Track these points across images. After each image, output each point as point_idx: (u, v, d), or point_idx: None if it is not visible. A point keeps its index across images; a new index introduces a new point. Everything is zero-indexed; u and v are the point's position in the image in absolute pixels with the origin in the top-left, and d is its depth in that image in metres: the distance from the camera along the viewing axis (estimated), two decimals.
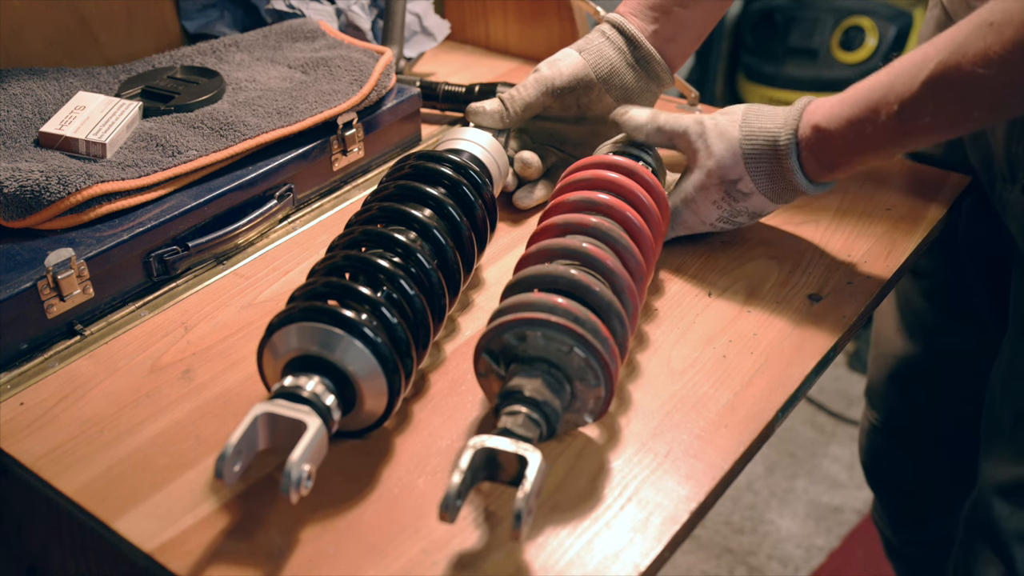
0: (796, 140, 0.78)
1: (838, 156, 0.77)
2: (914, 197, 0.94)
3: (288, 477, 0.56)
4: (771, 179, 0.80)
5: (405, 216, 0.72)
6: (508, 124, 0.89)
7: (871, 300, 0.81)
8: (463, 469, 0.57)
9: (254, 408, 0.59)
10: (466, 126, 0.88)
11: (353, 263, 0.68)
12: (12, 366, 0.74)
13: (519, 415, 0.61)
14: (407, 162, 0.78)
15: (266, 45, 1.03)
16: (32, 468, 0.66)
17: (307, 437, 0.58)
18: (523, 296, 0.65)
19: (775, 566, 1.82)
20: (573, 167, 0.79)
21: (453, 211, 0.74)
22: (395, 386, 0.63)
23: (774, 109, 0.80)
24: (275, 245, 0.88)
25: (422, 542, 0.61)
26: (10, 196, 0.77)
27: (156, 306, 0.81)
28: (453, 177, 0.76)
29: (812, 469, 2.02)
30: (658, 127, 0.83)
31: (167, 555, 0.59)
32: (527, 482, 0.56)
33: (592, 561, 0.60)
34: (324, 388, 0.61)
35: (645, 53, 0.90)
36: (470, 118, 0.90)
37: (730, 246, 0.87)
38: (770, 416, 0.70)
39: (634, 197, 0.75)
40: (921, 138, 0.73)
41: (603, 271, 0.68)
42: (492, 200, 0.79)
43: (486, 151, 0.84)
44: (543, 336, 0.62)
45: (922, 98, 0.70)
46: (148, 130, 0.87)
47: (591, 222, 0.71)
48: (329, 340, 0.61)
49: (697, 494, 0.64)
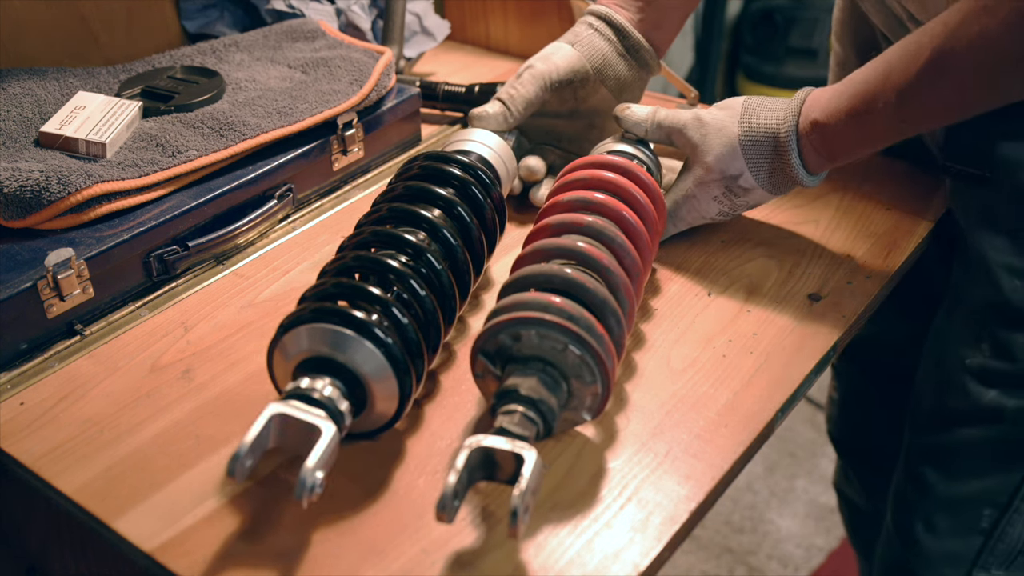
0: (796, 135, 0.78)
1: (838, 149, 0.78)
2: (914, 197, 0.94)
3: (303, 484, 0.56)
4: (771, 174, 0.80)
5: (415, 216, 0.71)
6: (512, 124, 0.90)
7: (871, 300, 0.82)
8: (459, 469, 0.57)
9: (268, 407, 0.59)
10: (470, 127, 0.88)
11: (363, 263, 0.68)
12: (12, 366, 0.74)
13: (515, 414, 0.61)
14: (416, 162, 0.78)
15: (266, 45, 1.03)
16: (32, 468, 0.66)
17: (322, 444, 0.57)
18: (517, 296, 0.65)
19: (775, 566, 1.82)
20: (569, 167, 0.79)
21: (463, 211, 0.74)
22: (406, 387, 0.63)
23: (773, 103, 0.80)
24: (275, 245, 0.88)
25: (422, 542, 0.61)
26: (10, 196, 0.77)
27: (156, 306, 0.81)
28: (462, 177, 0.76)
29: (812, 469, 2.02)
30: (657, 123, 0.83)
31: (167, 555, 0.59)
32: (523, 479, 0.56)
33: (592, 561, 0.60)
34: (338, 392, 0.61)
35: (635, 42, 0.91)
36: (474, 123, 0.89)
37: (730, 246, 0.87)
38: (770, 416, 0.70)
39: (629, 196, 0.75)
40: (921, 125, 0.74)
41: (598, 269, 0.68)
42: (501, 200, 0.79)
43: (494, 152, 0.85)
44: (537, 335, 0.62)
45: (920, 86, 0.70)
46: (148, 130, 0.87)
47: (586, 221, 0.71)
48: (340, 341, 0.61)
49: (697, 494, 0.64)
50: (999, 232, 0.84)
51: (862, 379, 1.19)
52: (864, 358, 1.16)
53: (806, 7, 2.72)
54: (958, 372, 0.88)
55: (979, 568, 0.92)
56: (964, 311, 0.89)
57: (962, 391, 0.88)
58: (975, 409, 0.87)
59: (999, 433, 0.87)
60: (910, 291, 0.97)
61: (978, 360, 0.87)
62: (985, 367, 0.86)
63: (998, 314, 0.85)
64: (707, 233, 0.89)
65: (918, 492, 0.94)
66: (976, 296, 0.87)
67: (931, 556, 0.94)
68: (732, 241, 0.88)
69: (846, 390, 1.23)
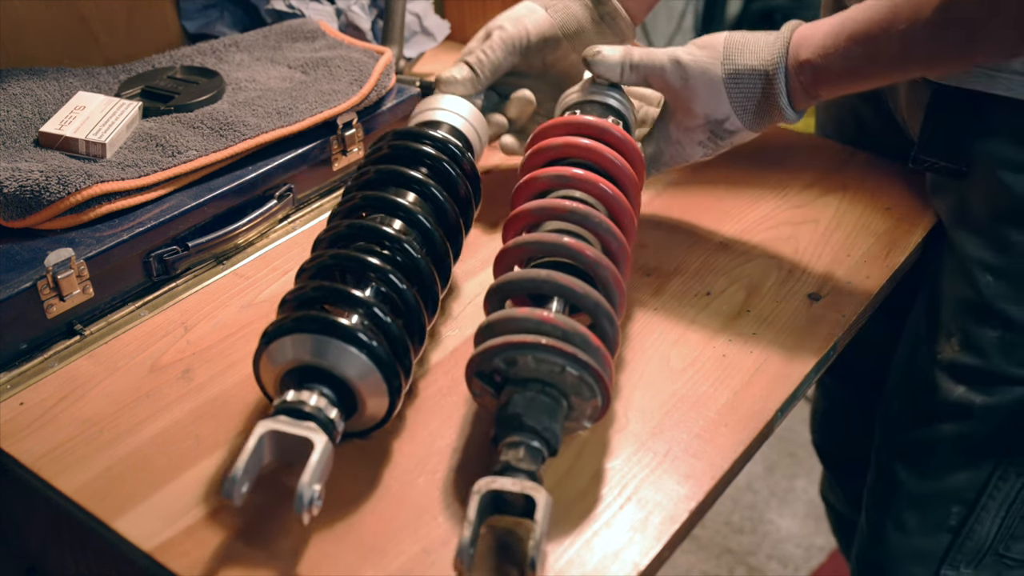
0: (786, 76, 0.75)
1: (829, 88, 0.75)
2: (914, 197, 0.94)
3: (300, 500, 0.56)
4: (757, 115, 0.78)
5: (389, 204, 0.70)
6: (480, 89, 0.87)
7: (871, 300, 0.82)
8: (472, 520, 0.56)
9: (258, 426, 0.58)
10: (439, 93, 0.86)
11: (341, 262, 0.67)
12: (12, 366, 0.74)
13: (520, 447, 0.59)
14: (384, 142, 0.76)
15: (266, 45, 1.03)
16: (32, 468, 0.66)
17: (315, 457, 0.57)
18: (509, 313, 0.64)
19: (775, 566, 1.82)
20: (540, 131, 0.77)
21: (436, 192, 0.72)
22: (395, 386, 0.62)
23: (756, 40, 0.77)
24: (275, 245, 0.89)
25: (422, 541, 0.61)
26: (10, 196, 0.77)
27: (156, 306, 0.81)
28: (434, 155, 0.74)
29: (812, 469, 2.02)
30: (632, 65, 0.79)
31: (167, 554, 0.59)
32: (537, 528, 0.55)
33: (591, 560, 0.60)
34: (327, 401, 0.60)
35: (611, 9, 0.88)
36: (442, 88, 0.86)
37: (730, 246, 0.88)
38: (770, 415, 0.70)
39: (608, 163, 0.72)
40: (918, 72, 0.74)
41: (587, 265, 0.66)
42: (475, 173, 0.77)
43: (466, 120, 0.82)
44: (534, 359, 0.61)
45: (926, 36, 0.68)
46: (148, 130, 0.87)
47: (568, 208, 0.69)
48: (324, 349, 0.60)
49: (697, 493, 0.64)
50: (974, 227, 0.84)
51: (842, 389, 1.20)
52: (844, 366, 1.16)
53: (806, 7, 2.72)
54: (929, 367, 0.89)
55: (948, 566, 0.92)
56: (938, 306, 0.89)
57: (932, 387, 0.88)
58: (944, 405, 0.88)
59: (968, 429, 0.87)
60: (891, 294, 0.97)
61: (948, 355, 0.87)
62: (955, 362, 0.86)
63: (970, 309, 0.85)
64: (707, 233, 0.89)
65: (888, 489, 0.94)
66: (950, 291, 0.87)
67: (900, 554, 0.94)
68: (732, 241, 0.88)
69: (827, 399, 1.24)
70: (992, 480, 0.88)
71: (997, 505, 0.88)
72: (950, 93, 0.82)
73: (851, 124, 1.05)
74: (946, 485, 0.90)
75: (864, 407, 1.14)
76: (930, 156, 0.85)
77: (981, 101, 0.80)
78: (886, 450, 0.95)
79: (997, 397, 0.85)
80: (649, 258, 0.86)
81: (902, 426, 0.93)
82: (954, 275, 0.86)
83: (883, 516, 0.95)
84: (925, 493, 0.91)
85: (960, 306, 0.86)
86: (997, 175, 0.80)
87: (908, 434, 0.92)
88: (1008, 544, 0.90)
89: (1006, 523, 0.89)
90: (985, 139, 0.81)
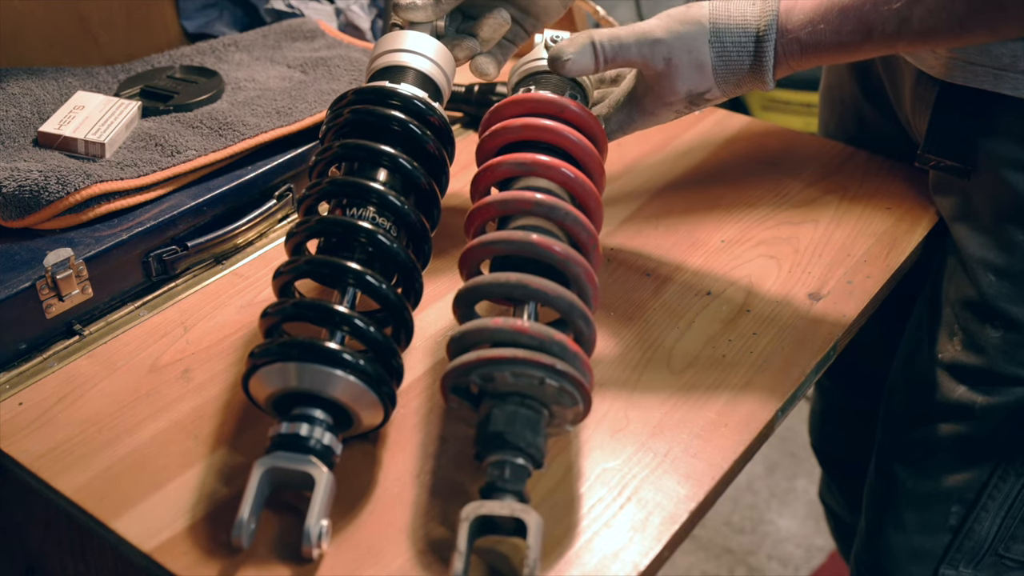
0: (775, 55, 0.74)
1: (816, 61, 0.74)
2: (914, 197, 0.94)
3: (308, 537, 0.56)
4: (739, 86, 0.76)
5: (362, 189, 0.67)
6: (443, 14, 0.80)
7: (871, 299, 0.81)
8: (462, 551, 0.55)
9: (257, 465, 0.58)
10: (400, 29, 0.78)
11: (316, 268, 0.65)
12: (11, 366, 0.73)
13: (504, 466, 0.58)
14: (344, 106, 0.72)
15: (265, 45, 1.03)
16: (31, 468, 0.65)
17: (319, 495, 0.57)
18: (482, 323, 0.62)
19: (775, 566, 1.82)
20: (496, 110, 0.74)
21: (406, 163, 0.68)
22: (387, 393, 0.62)
23: (742, 13, 0.74)
24: (274, 245, 0.88)
25: (420, 543, 0.60)
26: (9, 196, 0.77)
27: (155, 306, 0.81)
28: (400, 119, 0.70)
29: (812, 469, 2.02)
30: (607, 59, 0.75)
31: (166, 555, 0.59)
32: (531, 552, 0.55)
33: (591, 560, 0.60)
34: (321, 429, 0.60)
35: None
36: (402, 15, 0.78)
37: (730, 246, 0.87)
38: (770, 415, 0.70)
39: (570, 144, 0.70)
40: (909, 48, 0.74)
41: (556, 263, 0.64)
42: (445, 127, 0.73)
43: (432, 63, 0.76)
44: (511, 374, 0.59)
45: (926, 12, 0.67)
46: (147, 130, 0.87)
47: (534, 200, 0.66)
48: (311, 376, 0.60)
49: (697, 493, 0.64)
50: (977, 226, 0.84)
51: (840, 391, 1.19)
52: (842, 369, 1.16)
53: None
54: (930, 367, 0.88)
55: (947, 565, 0.92)
56: (939, 305, 0.89)
57: (933, 386, 0.88)
58: (945, 405, 0.87)
59: (968, 430, 0.87)
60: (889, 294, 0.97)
61: (949, 355, 0.87)
62: (956, 362, 0.86)
63: (972, 308, 0.85)
64: (707, 233, 0.89)
65: (888, 489, 0.94)
66: (952, 290, 0.87)
67: (899, 553, 0.94)
68: (732, 241, 0.88)
69: (824, 402, 1.23)
70: (992, 480, 0.88)
71: (997, 505, 0.88)
72: (956, 92, 0.82)
73: (853, 123, 1.05)
74: (946, 485, 0.90)
75: (862, 410, 1.14)
76: (935, 155, 0.85)
77: (987, 100, 0.80)
78: (886, 449, 0.95)
79: (998, 397, 0.85)
80: (649, 258, 0.86)
81: (902, 426, 0.93)
82: (956, 275, 0.86)
83: (882, 515, 0.95)
84: (925, 492, 0.91)
85: (962, 306, 0.86)
86: (1002, 175, 0.80)
87: (908, 434, 0.92)
88: (1008, 545, 0.90)
89: (1006, 523, 0.89)
90: (991, 138, 0.81)
